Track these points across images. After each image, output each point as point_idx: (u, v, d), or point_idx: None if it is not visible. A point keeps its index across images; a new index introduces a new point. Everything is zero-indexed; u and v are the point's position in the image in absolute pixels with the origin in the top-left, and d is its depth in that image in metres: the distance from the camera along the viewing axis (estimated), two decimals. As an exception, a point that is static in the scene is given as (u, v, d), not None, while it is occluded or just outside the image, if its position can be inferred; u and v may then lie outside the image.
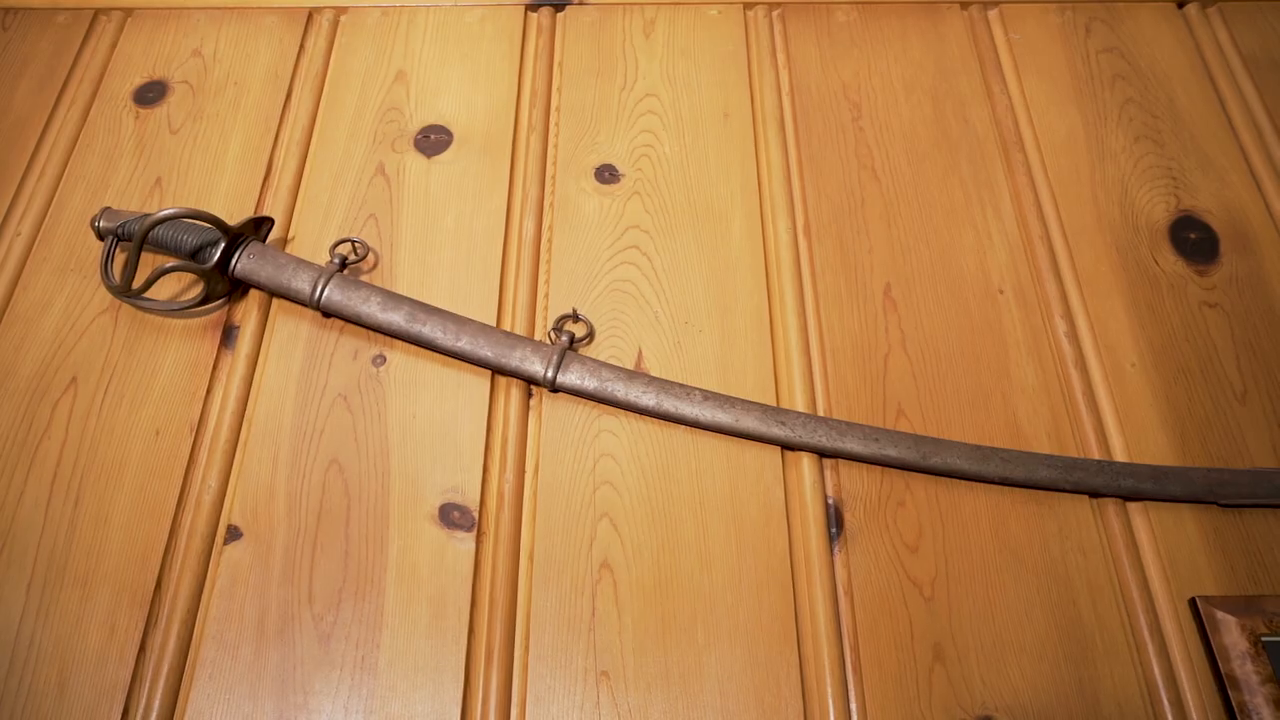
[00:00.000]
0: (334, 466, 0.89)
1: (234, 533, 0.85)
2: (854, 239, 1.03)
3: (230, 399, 0.92)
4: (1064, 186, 1.06)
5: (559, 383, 0.91)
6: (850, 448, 0.88)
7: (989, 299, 0.99)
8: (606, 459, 0.89)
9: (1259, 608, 0.81)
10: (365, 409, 0.92)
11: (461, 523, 0.86)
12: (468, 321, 0.94)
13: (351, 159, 1.08)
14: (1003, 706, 0.78)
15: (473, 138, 1.10)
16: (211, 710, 0.77)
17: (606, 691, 0.78)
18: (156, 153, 1.09)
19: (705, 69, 1.15)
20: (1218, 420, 0.92)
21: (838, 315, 0.97)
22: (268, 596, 0.82)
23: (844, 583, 0.84)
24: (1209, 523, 0.87)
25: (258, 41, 1.18)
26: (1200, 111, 1.12)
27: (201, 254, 0.96)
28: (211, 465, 0.89)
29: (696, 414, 0.89)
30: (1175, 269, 1.01)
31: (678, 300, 0.98)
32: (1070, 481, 0.87)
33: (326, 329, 0.96)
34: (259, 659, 0.79)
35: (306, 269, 0.96)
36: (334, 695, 0.78)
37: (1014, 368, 0.95)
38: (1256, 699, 0.76)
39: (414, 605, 0.82)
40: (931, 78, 1.15)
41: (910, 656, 0.80)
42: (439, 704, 0.78)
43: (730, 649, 0.80)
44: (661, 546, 0.85)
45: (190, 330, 0.96)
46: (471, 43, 1.18)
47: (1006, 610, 0.82)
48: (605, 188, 1.06)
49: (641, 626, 0.81)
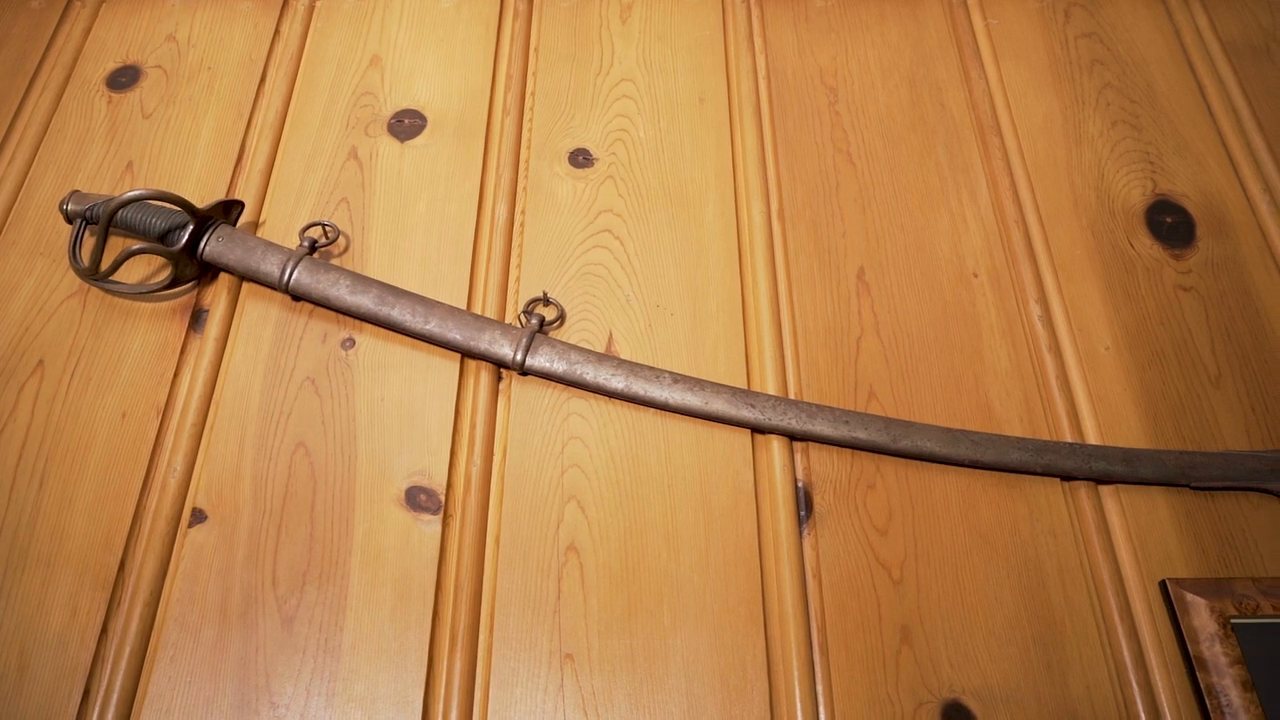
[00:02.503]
0: (301, 449, 0.88)
1: (198, 515, 0.84)
2: (828, 223, 1.02)
3: (198, 382, 0.91)
4: (1040, 171, 1.06)
5: (528, 365, 0.90)
6: (820, 430, 0.87)
7: (963, 282, 0.98)
8: (575, 442, 0.88)
9: (1229, 590, 0.80)
10: (333, 392, 0.91)
11: (428, 506, 0.85)
12: (437, 304, 0.93)
13: (324, 143, 1.07)
14: (970, 689, 0.78)
15: (447, 122, 1.09)
16: (172, 693, 0.76)
17: (571, 674, 0.78)
18: (128, 137, 1.08)
19: (682, 54, 1.15)
20: (1191, 403, 0.92)
21: (810, 298, 0.97)
22: (231, 579, 0.82)
23: (812, 565, 0.83)
24: (1180, 505, 0.86)
25: (232, 26, 1.17)
26: (1178, 96, 1.12)
27: (170, 237, 0.95)
28: (177, 448, 0.88)
29: (666, 396, 0.89)
30: (1151, 253, 1.01)
31: (650, 283, 0.98)
32: (1041, 464, 0.86)
33: (296, 312, 0.96)
34: (221, 642, 0.79)
35: (276, 252, 0.95)
36: (296, 678, 0.77)
37: (987, 351, 0.94)
38: (1225, 680, 0.76)
39: (378, 588, 0.81)
40: (909, 62, 1.14)
41: (878, 639, 0.80)
42: (402, 686, 0.77)
43: (696, 631, 0.79)
44: (629, 529, 0.84)
45: (159, 314, 0.96)
46: (447, 27, 1.17)
47: (975, 593, 0.82)
48: (579, 172, 1.05)
49: (607, 609, 0.80)
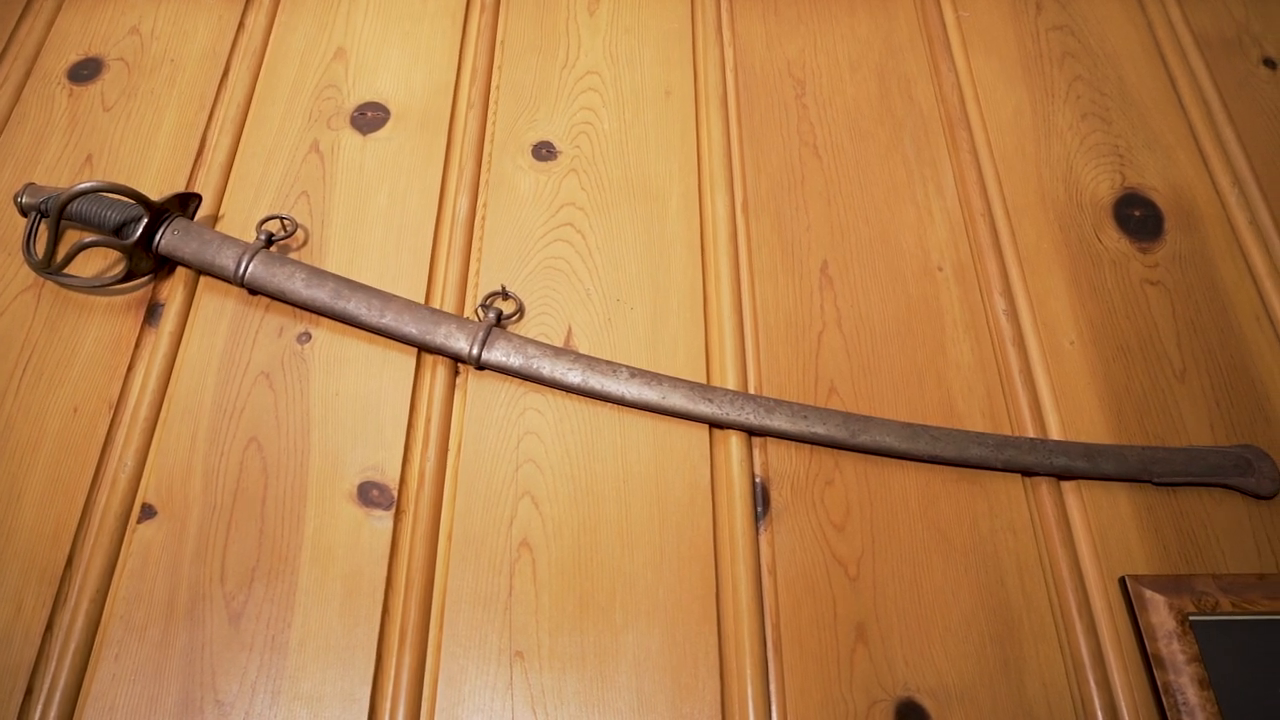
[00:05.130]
0: (253, 445, 0.87)
1: (148, 511, 0.83)
2: (792, 216, 1.01)
3: (151, 377, 0.90)
4: (1008, 164, 1.05)
5: (484, 359, 0.89)
6: (778, 425, 0.86)
7: (927, 276, 0.97)
8: (531, 437, 0.87)
9: (1189, 587, 0.79)
10: (288, 387, 0.90)
11: (380, 501, 0.84)
12: (393, 298, 0.92)
13: (286, 137, 1.06)
14: (924, 687, 0.77)
15: (410, 115, 1.08)
16: (115, 691, 0.75)
17: (520, 672, 0.77)
18: (88, 130, 1.07)
19: (649, 46, 1.14)
20: (1155, 398, 0.91)
21: (772, 292, 0.96)
22: (179, 576, 0.80)
23: (768, 562, 0.82)
24: (1143, 501, 0.85)
25: (196, 19, 1.16)
26: (1149, 89, 1.11)
27: (125, 230, 0.94)
28: (129, 443, 0.87)
29: (623, 391, 0.88)
30: (1118, 246, 1.00)
31: (610, 277, 0.97)
32: (1001, 460, 0.85)
33: (252, 307, 0.95)
34: (167, 639, 0.78)
35: (231, 245, 0.94)
36: (241, 676, 0.76)
37: (950, 345, 0.93)
38: (1181, 678, 0.75)
39: (328, 584, 0.80)
40: (878, 55, 1.13)
41: (832, 636, 0.79)
42: (349, 684, 0.76)
43: (649, 628, 0.78)
44: (583, 525, 0.83)
45: (114, 308, 0.95)
46: (413, 21, 1.16)
47: (933, 589, 0.81)
48: (542, 165, 1.04)
49: (559, 606, 0.79)
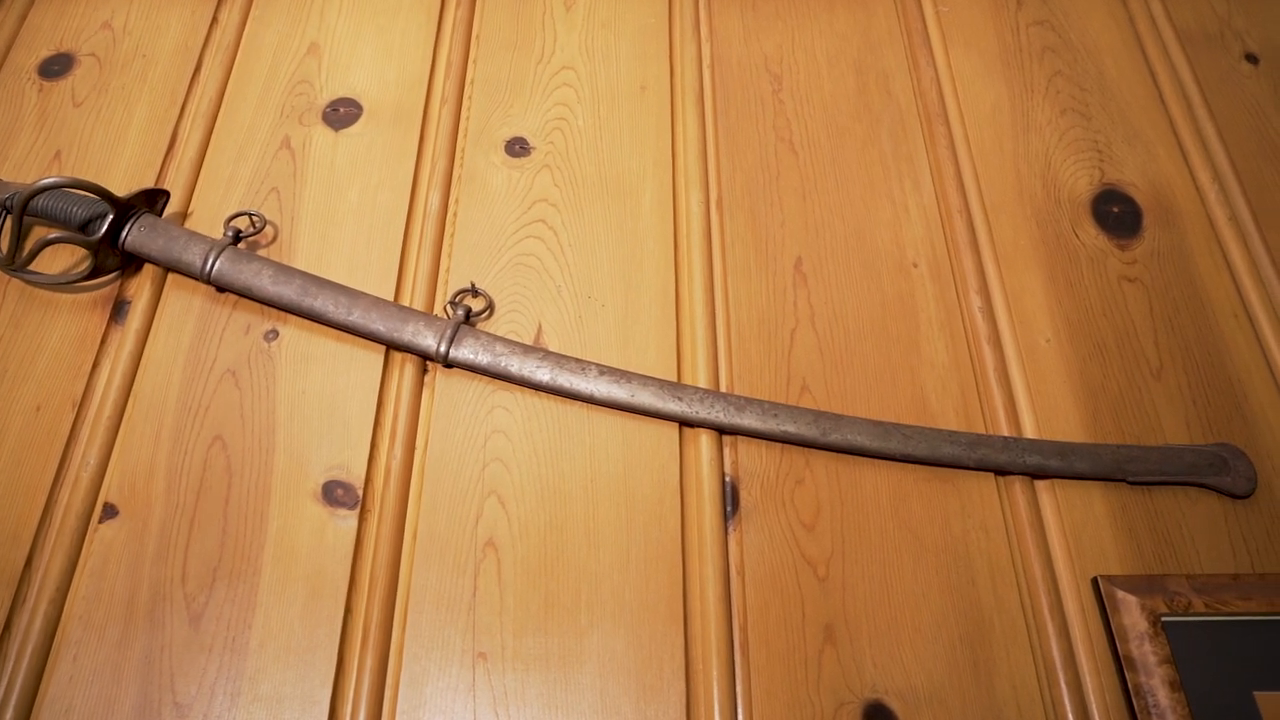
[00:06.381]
0: (218, 443, 0.86)
1: (110, 510, 0.82)
2: (767, 212, 1.00)
3: (116, 374, 0.89)
4: (986, 159, 1.04)
5: (452, 357, 0.88)
6: (748, 424, 0.85)
7: (903, 273, 0.96)
8: (498, 435, 0.86)
9: (1161, 587, 0.78)
10: (254, 385, 0.89)
11: (345, 500, 0.83)
12: (361, 295, 0.91)
13: (257, 133, 1.05)
14: (893, 689, 0.75)
15: (383, 110, 1.07)
16: (72, 693, 0.74)
17: (483, 673, 0.76)
18: (58, 126, 1.06)
19: (626, 41, 1.13)
20: (1132, 396, 0.90)
21: (745, 289, 0.95)
22: (140, 576, 0.79)
23: (737, 562, 0.81)
24: (1117, 500, 0.84)
25: (169, 14, 1.15)
26: (1130, 84, 1.10)
27: (91, 227, 0.93)
28: (92, 442, 0.86)
29: (591, 389, 0.87)
30: (1096, 243, 0.99)
31: (582, 274, 0.95)
32: (974, 458, 0.84)
33: (220, 304, 0.94)
34: (126, 640, 0.77)
35: (199, 241, 0.93)
36: (201, 677, 0.75)
37: (924, 343, 0.92)
38: (1153, 680, 0.74)
39: (290, 585, 0.79)
40: (856, 50, 1.12)
41: (800, 637, 0.78)
42: (309, 685, 0.75)
43: (614, 629, 0.77)
44: (549, 525, 0.82)
45: (80, 305, 0.94)
46: (388, 15, 1.15)
47: (903, 590, 0.80)
48: (515, 161, 1.03)
49: (523, 607, 0.78)
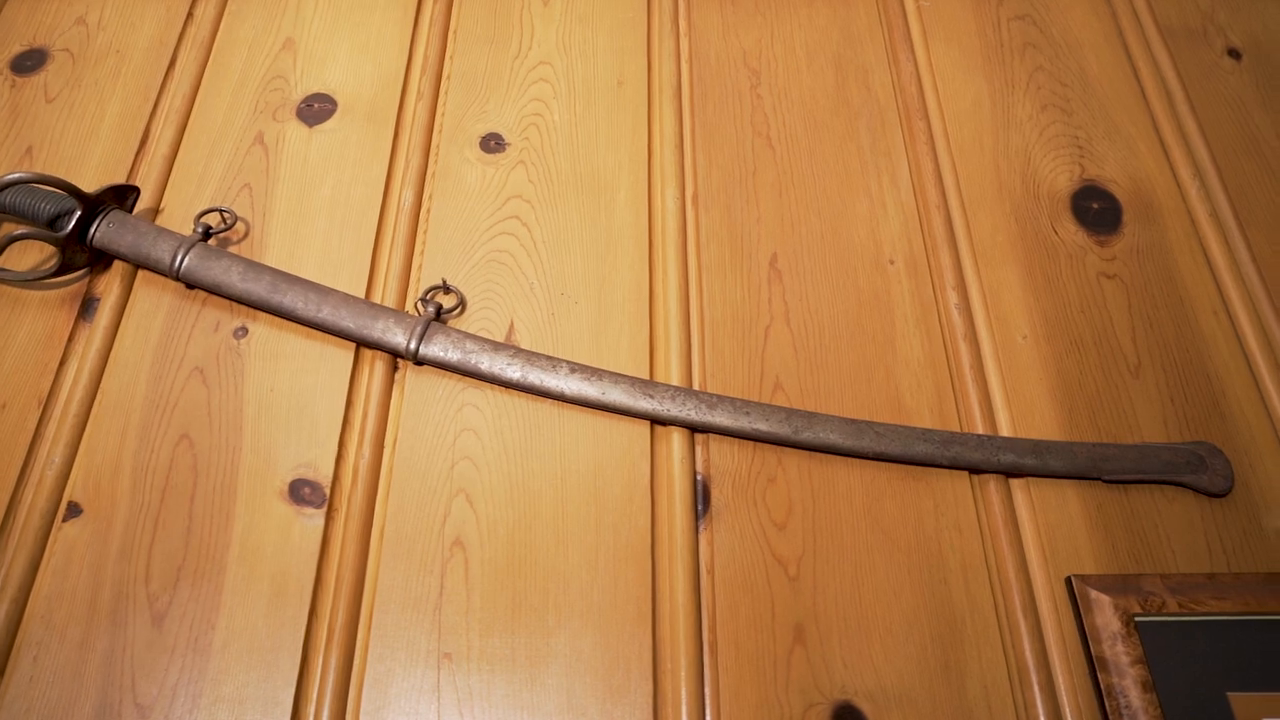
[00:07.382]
0: (184, 441, 0.85)
1: (74, 509, 0.81)
2: (743, 208, 0.99)
3: (84, 372, 0.88)
4: (965, 155, 1.03)
5: (422, 354, 0.87)
6: (720, 421, 0.84)
7: (879, 270, 0.95)
8: (468, 433, 0.85)
9: (1136, 586, 0.77)
10: (222, 382, 0.88)
11: (312, 499, 0.82)
12: (331, 292, 0.90)
13: (230, 128, 1.04)
14: (862, 690, 0.75)
15: (357, 106, 1.06)
16: (31, 694, 0.73)
17: (448, 673, 0.75)
18: (29, 121, 1.05)
19: (603, 36, 1.12)
20: (1109, 394, 0.89)
21: (720, 286, 0.94)
22: (103, 575, 0.79)
23: (707, 561, 0.80)
24: (1092, 499, 0.83)
25: (145, 9, 1.14)
26: (1112, 80, 1.09)
27: (59, 223, 0.92)
28: (58, 440, 0.85)
29: (562, 387, 0.86)
30: (1075, 239, 0.98)
31: (555, 271, 0.95)
32: (948, 457, 0.83)
33: (189, 301, 0.93)
34: (87, 640, 0.76)
35: (168, 238, 0.92)
36: (162, 678, 0.74)
37: (900, 340, 0.91)
38: (1125, 681, 0.73)
39: (255, 584, 0.78)
40: (836, 45, 1.11)
41: (770, 637, 0.77)
42: (272, 686, 0.74)
43: (581, 629, 0.77)
44: (518, 524, 0.81)
45: (48, 302, 0.93)
46: (365, 11, 1.14)
47: (874, 590, 0.79)
48: (490, 157, 1.02)
49: (490, 606, 0.77)
